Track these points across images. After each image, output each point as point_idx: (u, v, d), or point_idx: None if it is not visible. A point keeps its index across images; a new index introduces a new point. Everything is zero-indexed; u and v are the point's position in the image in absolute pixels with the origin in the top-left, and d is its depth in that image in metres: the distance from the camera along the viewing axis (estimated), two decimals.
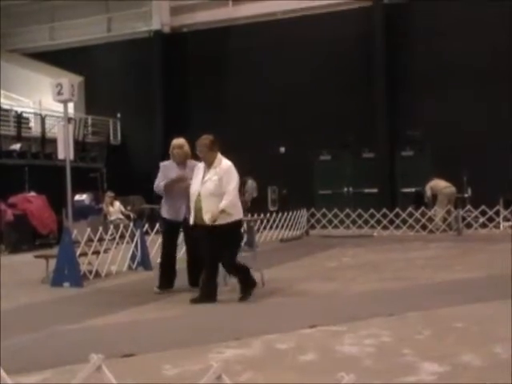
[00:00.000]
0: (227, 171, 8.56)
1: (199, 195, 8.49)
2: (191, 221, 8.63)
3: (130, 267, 12.53)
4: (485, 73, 21.85)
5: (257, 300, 8.89)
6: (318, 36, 23.93)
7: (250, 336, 6.55)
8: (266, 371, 5.34)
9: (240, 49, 25.45)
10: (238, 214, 8.64)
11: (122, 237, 13.53)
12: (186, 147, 9.64)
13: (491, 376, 4.94)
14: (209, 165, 8.61)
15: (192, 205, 8.59)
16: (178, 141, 9.72)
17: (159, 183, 9.62)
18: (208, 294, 8.60)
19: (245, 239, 15.61)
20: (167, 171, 9.62)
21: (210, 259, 8.58)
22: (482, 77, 21.87)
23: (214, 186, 8.44)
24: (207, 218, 8.37)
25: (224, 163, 8.63)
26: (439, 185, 20.03)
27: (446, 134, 22.02)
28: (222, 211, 8.36)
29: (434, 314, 7.47)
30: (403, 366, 5.37)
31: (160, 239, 10.66)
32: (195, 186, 8.62)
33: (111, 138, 27.15)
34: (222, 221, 8.37)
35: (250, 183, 23.94)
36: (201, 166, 8.76)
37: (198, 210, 8.48)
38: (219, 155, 8.67)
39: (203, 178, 8.56)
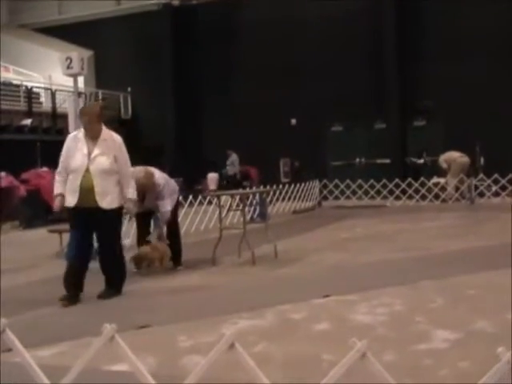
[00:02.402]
0: (120, 147, 7.42)
1: (87, 172, 7.20)
2: (71, 201, 7.25)
3: None
4: (498, 42, 21.60)
5: (270, 271, 8.93)
6: (329, 8, 23.72)
7: (263, 307, 6.58)
8: (279, 341, 5.37)
9: (250, 21, 25.29)
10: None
11: None
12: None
13: (504, 343, 4.92)
14: (95, 137, 7.31)
15: (76, 183, 7.25)
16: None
17: None
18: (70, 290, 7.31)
19: (257, 211, 15.65)
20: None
21: (104, 248, 7.50)
22: (496, 46, 21.61)
23: (109, 162, 7.25)
24: (102, 199, 7.19)
25: (115, 137, 7.45)
26: (453, 155, 19.92)
27: (459, 103, 21.85)
28: (130, 200, 7.48)
29: (446, 283, 7.47)
30: (416, 333, 5.39)
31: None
32: (79, 162, 7.26)
33: (122, 112, 27.13)
34: (114, 204, 7.32)
35: (235, 157, 23.64)
36: (80, 136, 7.41)
37: (88, 190, 7.17)
38: (104, 127, 7.43)
39: (89, 152, 7.26)
